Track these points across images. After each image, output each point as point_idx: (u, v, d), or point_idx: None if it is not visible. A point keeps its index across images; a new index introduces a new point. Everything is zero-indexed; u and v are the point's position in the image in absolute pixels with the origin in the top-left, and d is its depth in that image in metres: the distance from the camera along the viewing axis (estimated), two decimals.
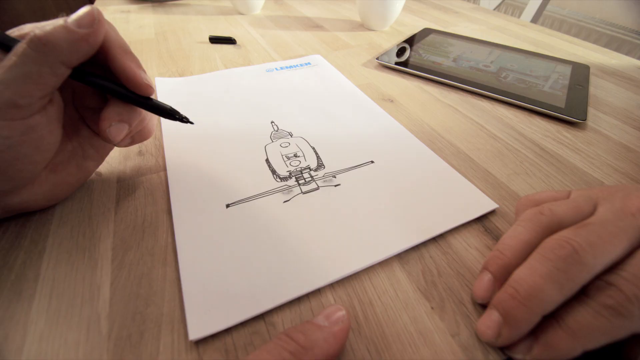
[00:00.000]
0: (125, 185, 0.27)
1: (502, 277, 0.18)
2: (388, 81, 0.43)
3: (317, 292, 0.20)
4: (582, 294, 0.16)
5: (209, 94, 0.38)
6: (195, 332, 0.17)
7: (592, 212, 0.18)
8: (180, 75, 0.43)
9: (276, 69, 0.44)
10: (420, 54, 0.49)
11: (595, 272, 0.16)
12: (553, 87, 0.41)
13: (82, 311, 0.19)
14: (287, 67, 0.44)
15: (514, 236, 0.19)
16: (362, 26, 0.61)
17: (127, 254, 0.22)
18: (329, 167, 0.28)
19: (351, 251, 0.22)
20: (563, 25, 1.07)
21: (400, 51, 0.50)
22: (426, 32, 0.57)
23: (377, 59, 0.47)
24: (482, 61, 0.47)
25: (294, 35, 0.56)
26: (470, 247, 0.23)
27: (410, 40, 0.53)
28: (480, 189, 0.27)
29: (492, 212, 0.25)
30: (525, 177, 0.29)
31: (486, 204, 0.25)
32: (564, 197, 0.21)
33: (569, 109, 0.36)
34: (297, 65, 0.45)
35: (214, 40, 0.52)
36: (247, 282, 0.20)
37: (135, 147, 0.31)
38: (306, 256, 0.21)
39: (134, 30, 0.56)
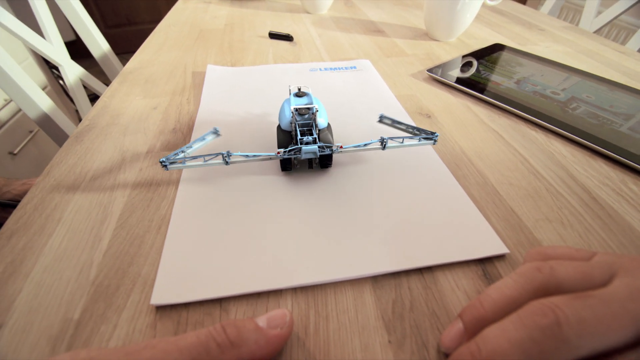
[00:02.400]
0: (151, 157, 0.30)
1: (473, 330, 0.16)
2: (433, 95, 0.41)
3: (279, 292, 0.20)
4: None
5: (251, 85, 0.40)
6: (158, 298, 0.19)
7: (604, 283, 0.15)
8: (232, 65, 0.46)
9: (320, 69, 0.44)
10: (479, 71, 0.44)
11: (577, 354, 0.13)
12: (634, 128, 0.34)
13: (82, 255, 0.22)
14: (331, 69, 0.44)
15: (499, 288, 0.17)
16: (427, 35, 0.58)
17: (131, 216, 0.24)
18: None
19: (325, 260, 0.21)
20: None
21: (456, 65, 0.46)
22: (495, 47, 0.52)
23: (428, 70, 0.44)
24: (551, 87, 0.41)
25: (351, 38, 0.56)
26: (459, 289, 0.20)
27: (474, 55, 0.49)
28: (494, 229, 0.24)
29: (500, 257, 0.22)
30: (557, 226, 0.25)
31: (495, 247, 0.22)
32: (583, 258, 0.18)
33: None
34: (341, 68, 0.44)
35: (273, 35, 0.54)
36: (218, 266, 0.21)
37: (171, 124, 0.34)
38: (280, 254, 0.21)
39: (208, 20, 0.62)
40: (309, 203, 0.25)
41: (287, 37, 0.54)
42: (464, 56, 0.49)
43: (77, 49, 1.01)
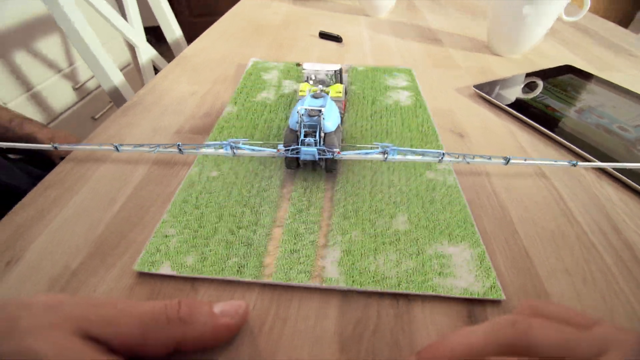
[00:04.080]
0: (177, 138, 0.32)
1: None
2: (473, 113, 0.37)
3: (247, 284, 0.20)
4: None
5: (283, 79, 0.41)
6: (140, 265, 0.21)
7: (587, 357, 0.13)
8: (276, 61, 0.47)
9: None
10: (535, 94, 0.40)
11: None
12: None
13: (94, 214, 0.24)
14: None
15: (465, 335, 0.15)
16: (487, 48, 0.54)
17: (144, 188, 0.27)
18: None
19: (301, 262, 0.21)
20: None
21: (511, 83, 0.42)
22: (565, 69, 0.46)
23: (475, 86, 0.41)
24: (620, 122, 0.35)
25: (402, 44, 0.54)
26: (433, 326, 0.19)
27: (535, 75, 0.44)
28: (496, 269, 0.21)
29: (493, 302, 0.20)
30: (577, 282, 0.21)
31: (489, 290, 0.20)
32: (580, 325, 0.15)
33: None
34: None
35: (323, 35, 0.55)
36: (201, 248, 0.22)
37: (203, 110, 0.36)
38: (262, 248, 0.22)
39: (268, 16, 0.65)
40: (304, 204, 0.25)
41: (337, 38, 0.54)
42: (527, 74, 0.44)
43: (162, 34, 1.13)
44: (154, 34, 1.07)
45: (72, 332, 0.14)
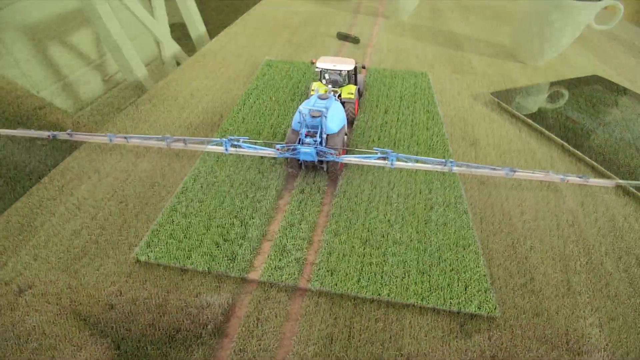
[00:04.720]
0: (187, 133, 0.33)
1: None
2: (488, 121, 0.36)
3: (242, 280, 0.20)
4: None
5: (296, 80, 0.41)
6: (139, 253, 0.21)
7: None
8: (290, 60, 0.47)
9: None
10: (558, 104, 0.38)
11: None
12: None
13: (101, 201, 0.25)
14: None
15: None
16: (512, 55, 0.52)
17: (148, 180, 0.27)
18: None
19: (284, 279, 0.20)
20: None
21: (530, 92, 0.40)
22: (592, 79, 0.43)
23: (492, 93, 0.39)
24: None
25: (420, 48, 0.53)
26: (425, 337, 0.18)
27: (560, 84, 0.42)
28: (494, 286, 0.21)
29: (485, 318, 0.19)
30: (579, 302, 0.20)
31: (483, 305, 0.19)
32: (573, 352, 0.14)
33: None
34: None
35: (340, 36, 0.55)
36: (197, 240, 0.22)
37: (213, 106, 0.37)
38: (244, 263, 0.21)
39: (287, 15, 0.65)
40: (296, 217, 0.24)
41: (354, 39, 0.54)
42: (550, 84, 0.43)
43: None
44: (182, 31, 1.10)
45: (65, 310, 0.15)
